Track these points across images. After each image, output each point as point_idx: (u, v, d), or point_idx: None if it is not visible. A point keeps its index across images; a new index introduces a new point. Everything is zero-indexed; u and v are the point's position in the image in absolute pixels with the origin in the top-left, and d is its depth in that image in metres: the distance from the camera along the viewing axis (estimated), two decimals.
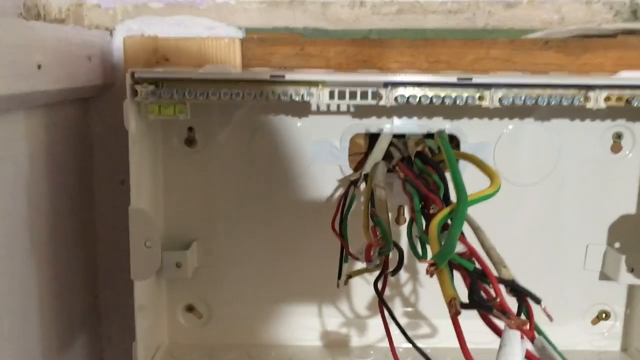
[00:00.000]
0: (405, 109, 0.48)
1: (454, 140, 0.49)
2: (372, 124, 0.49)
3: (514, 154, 0.49)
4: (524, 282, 0.32)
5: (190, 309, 0.52)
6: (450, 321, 0.31)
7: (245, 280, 0.52)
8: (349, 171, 0.49)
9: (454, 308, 0.27)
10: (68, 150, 0.50)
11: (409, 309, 0.52)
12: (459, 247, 0.33)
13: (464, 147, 0.49)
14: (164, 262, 0.48)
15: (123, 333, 0.44)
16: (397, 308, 0.52)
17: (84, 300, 0.55)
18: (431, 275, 0.28)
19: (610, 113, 0.48)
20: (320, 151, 0.49)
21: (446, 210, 0.34)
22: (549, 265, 0.51)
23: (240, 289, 0.52)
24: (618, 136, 0.49)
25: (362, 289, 0.52)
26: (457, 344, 0.29)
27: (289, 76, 0.41)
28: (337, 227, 0.44)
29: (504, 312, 0.29)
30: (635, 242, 0.50)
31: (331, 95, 0.42)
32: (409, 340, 0.35)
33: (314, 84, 0.42)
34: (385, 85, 0.42)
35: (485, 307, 0.28)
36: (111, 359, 0.58)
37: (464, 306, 0.28)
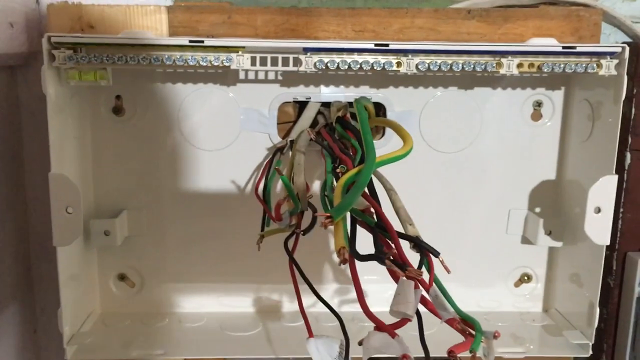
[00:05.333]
0: (333, 77, 0.49)
1: (381, 109, 0.50)
2: (299, 92, 0.49)
3: (439, 122, 0.50)
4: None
5: (122, 277, 0.53)
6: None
7: (177, 249, 0.52)
8: (277, 139, 0.50)
9: (342, 256, 0.28)
10: None
11: (339, 276, 0.53)
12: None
13: (390, 115, 0.50)
14: (92, 230, 0.49)
15: (56, 304, 0.44)
16: (327, 274, 0.53)
17: (15, 270, 0.54)
18: (325, 227, 0.29)
19: (530, 82, 0.50)
20: (249, 119, 0.50)
21: (354, 170, 0.35)
22: (473, 231, 0.53)
23: (171, 257, 0.52)
24: (538, 104, 0.51)
25: (295, 256, 0.52)
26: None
27: (209, 42, 0.41)
28: (260, 193, 0.45)
29: (402, 264, 0.30)
30: (553, 206, 0.52)
31: (253, 62, 0.43)
32: (317, 295, 0.36)
33: (234, 49, 0.42)
34: (305, 51, 0.42)
35: (377, 258, 0.29)
36: (44, 330, 0.58)
37: (358, 256, 0.29)
